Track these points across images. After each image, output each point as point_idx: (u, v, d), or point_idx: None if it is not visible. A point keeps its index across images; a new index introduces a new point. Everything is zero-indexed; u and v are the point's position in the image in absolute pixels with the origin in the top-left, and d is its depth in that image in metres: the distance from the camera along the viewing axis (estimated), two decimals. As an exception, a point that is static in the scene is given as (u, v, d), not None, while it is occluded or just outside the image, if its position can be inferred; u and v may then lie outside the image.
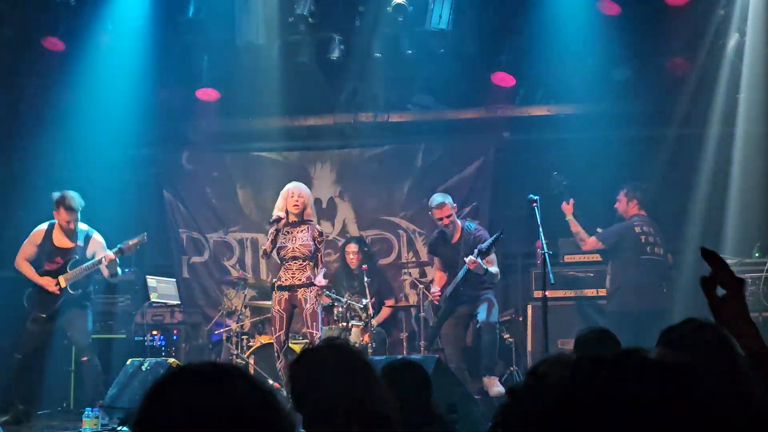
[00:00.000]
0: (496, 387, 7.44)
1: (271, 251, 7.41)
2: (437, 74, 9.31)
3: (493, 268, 7.77)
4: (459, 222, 8.00)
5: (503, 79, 9.03)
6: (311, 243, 7.32)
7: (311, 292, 7.27)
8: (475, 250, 7.50)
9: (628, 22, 8.29)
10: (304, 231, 7.36)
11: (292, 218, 7.38)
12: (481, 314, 7.64)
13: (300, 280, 7.29)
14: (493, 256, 7.76)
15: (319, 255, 7.44)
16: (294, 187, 7.54)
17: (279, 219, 7.32)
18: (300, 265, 7.31)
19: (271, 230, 7.39)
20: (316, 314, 7.26)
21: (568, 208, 8.27)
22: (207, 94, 9.38)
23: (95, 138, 9.64)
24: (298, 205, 7.34)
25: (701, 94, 8.58)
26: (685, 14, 8.20)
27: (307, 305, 7.22)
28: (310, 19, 8.33)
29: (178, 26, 8.60)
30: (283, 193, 7.52)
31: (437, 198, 8.01)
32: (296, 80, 9.10)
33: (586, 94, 9.13)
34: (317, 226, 7.57)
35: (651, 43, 8.51)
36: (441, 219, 7.87)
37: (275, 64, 8.86)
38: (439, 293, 7.90)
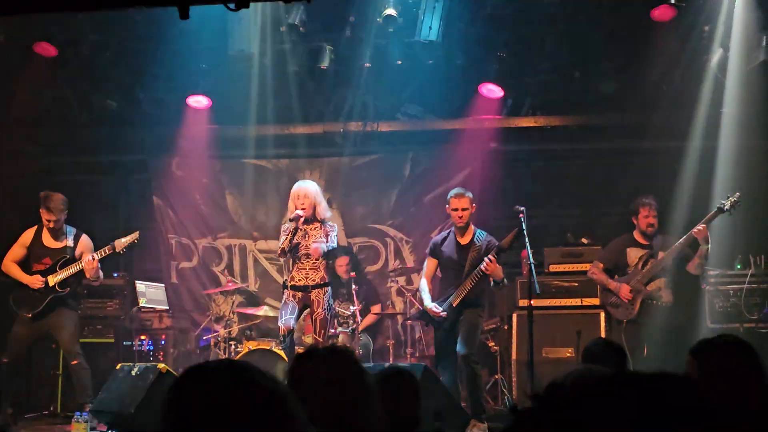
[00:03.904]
0: None
1: (289, 250, 7.21)
2: (426, 84, 9.39)
3: (505, 280, 7.31)
4: (472, 226, 7.37)
5: (491, 91, 9.13)
6: (325, 239, 7.18)
7: (324, 294, 7.17)
8: (493, 249, 6.98)
9: (615, 36, 8.41)
10: (317, 229, 7.24)
11: (318, 216, 7.25)
12: (460, 345, 6.97)
13: (314, 280, 7.18)
14: (501, 266, 7.18)
15: (328, 237, 7.17)
16: (298, 188, 7.35)
17: (298, 217, 7.11)
18: (313, 264, 7.19)
19: (290, 228, 7.18)
20: (326, 321, 7.15)
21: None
22: (198, 101, 9.45)
23: (86, 143, 9.70)
24: (305, 207, 7.16)
25: (685, 108, 8.71)
26: (670, 29, 8.32)
27: (319, 309, 7.12)
28: (301, 29, 8.40)
29: (169, 33, 8.64)
30: (291, 195, 7.36)
31: (458, 189, 7.44)
32: (286, 88, 9.16)
33: (573, 106, 9.26)
34: (329, 223, 7.36)
35: (637, 57, 8.64)
36: (456, 210, 7.18)
37: (266, 72, 8.91)
38: (440, 311, 7.10)
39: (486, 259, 6.93)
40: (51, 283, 7.52)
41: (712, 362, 2.85)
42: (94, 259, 7.52)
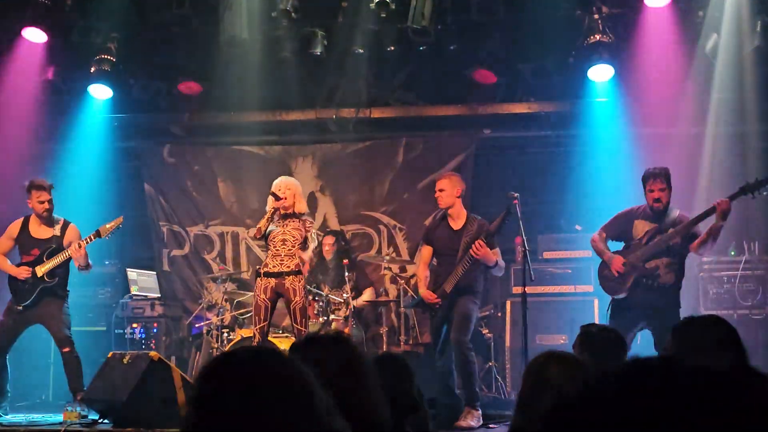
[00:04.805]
0: (464, 421, 6.66)
1: (265, 233, 7.07)
2: (419, 71, 9.36)
3: (500, 261, 7.06)
4: (464, 210, 7.26)
5: (484, 76, 9.08)
6: (302, 229, 7.06)
7: (300, 282, 6.98)
8: (483, 233, 6.85)
9: (609, 21, 8.37)
10: (296, 222, 7.09)
11: (283, 211, 7.11)
12: (454, 332, 6.89)
13: (289, 267, 6.97)
14: (496, 249, 7.04)
15: (309, 236, 7.13)
16: (280, 181, 7.30)
17: (279, 197, 7.04)
18: (289, 250, 7.00)
19: (269, 208, 7.08)
20: (305, 309, 6.98)
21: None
22: (189, 87, 9.37)
23: (76, 130, 9.64)
24: (286, 197, 7.06)
25: (680, 94, 8.68)
26: (664, 15, 8.29)
27: (296, 298, 6.92)
28: (293, 14, 8.34)
29: (161, 19, 8.58)
30: (272, 186, 7.24)
31: (444, 172, 7.41)
32: (278, 75, 9.12)
33: (567, 92, 9.23)
34: (309, 218, 7.27)
35: (631, 42, 8.60)
36: (435, 192, 7.24)
37: (258, 58, 8.86)
38: (436, 297, 7.03)
39: (475, 243, 6.82)
40: (39, 274, 7.46)
41: (689, 338, 2.86)
42: (80, 246, 7.45)
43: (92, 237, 7.55)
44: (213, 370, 1.52)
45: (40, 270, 7.46)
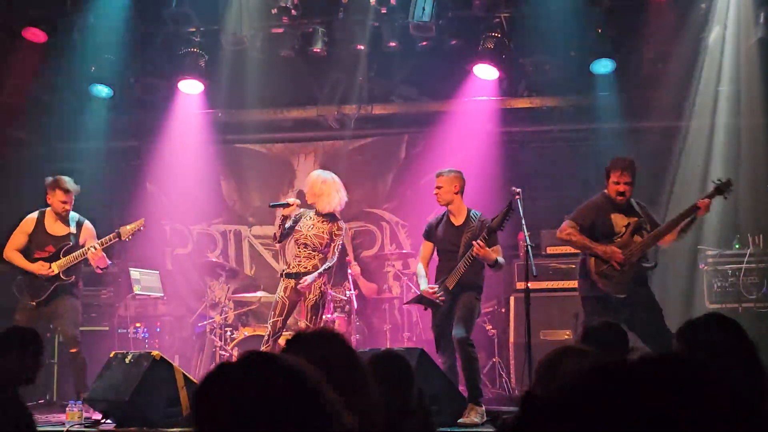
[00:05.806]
0: (467, 417, 6.54)
1: (281, 237, 7.21)
2: (420, 66, 9.34)
3: (500, 258, 6.91)
4: (464, 206, 7.10)
5: (486, 72, 9.05)
6: (326, 236, 7.09)
7: (316, 281, 7.01)
8: (483, 231, 6.71)
9: (611, 16, 8.34)
10: (325, 222, 7.13)
11: (319, 209, 7.15)
12: (456, 328, 6.78)
13: (306, 268, 7.06)
14: (497, 246, 6.91)
15: (332, 246, 7.13)
16: (309, 176, 7.40)
17: (285, 204, 7.17)
18: (308, 253, 7.10)
19: (278, 216, 7.25)
20: (317, 307, 7.01)
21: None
22: (191, 86, 9.36)
23: (78, 129, 9.63)
24: (309, 197, 7.22)
25: (682, 87, 8.64)
26: (666, 7, 8.25)
27: (310, 295, 6.98)
28: (293, 12, 8.34)
29: (161, 17, 8.57)
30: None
31: (442, 169, 7.24)
32: (280, 72, 9.12)
33: (569, 86, 9.19)
34: (339, 222, 7.23)
35: (633, 36, 8.57)
36: (434, 188, 7.09)
37: (259, 56, 8.85)
38: (440, 294, 6.90)
39: (475, 243, 6.71)
40: (56, 271, 7.40)
41: (696, 341, 2.84)
42: (96, 248, 7.39)
43: (112, 238, 7.48)
44: (207, 386, 1.47)
45: (57, 267, 7.40)
